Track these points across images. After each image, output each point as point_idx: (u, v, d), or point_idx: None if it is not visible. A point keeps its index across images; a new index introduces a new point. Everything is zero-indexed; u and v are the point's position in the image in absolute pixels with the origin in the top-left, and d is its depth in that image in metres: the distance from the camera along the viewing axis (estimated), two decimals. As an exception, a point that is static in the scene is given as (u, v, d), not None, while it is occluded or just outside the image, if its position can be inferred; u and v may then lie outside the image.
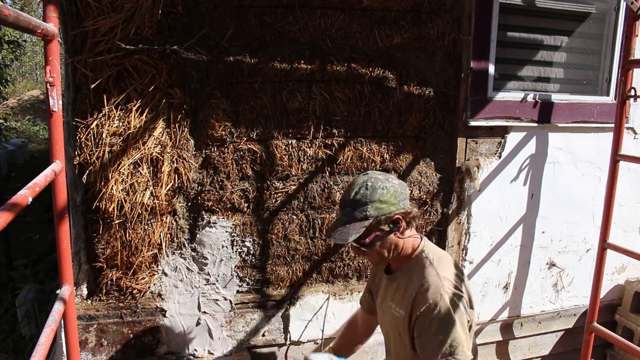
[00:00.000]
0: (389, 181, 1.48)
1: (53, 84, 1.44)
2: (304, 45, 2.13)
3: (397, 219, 1.47)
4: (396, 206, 1.46)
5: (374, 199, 1.45)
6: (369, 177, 1.49)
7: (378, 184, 1.46)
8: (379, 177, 1.49)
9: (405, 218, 1.49)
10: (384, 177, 1.49)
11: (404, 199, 1.49)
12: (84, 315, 2.07)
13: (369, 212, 1.45)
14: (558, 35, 2.52)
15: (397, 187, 1.48)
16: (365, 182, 1.48)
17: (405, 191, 1.50)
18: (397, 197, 1.46)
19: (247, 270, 2.25)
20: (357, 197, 1.46)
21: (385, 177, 1.50)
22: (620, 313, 2.87)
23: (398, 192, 1.47)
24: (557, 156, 2.59)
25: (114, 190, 1.94)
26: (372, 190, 1.46)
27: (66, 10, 1.85)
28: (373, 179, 1.48)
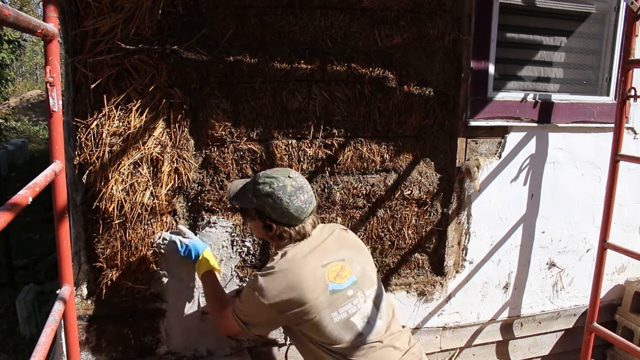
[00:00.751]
0: (290, 197, 1.65)
1: (53, 84, 1.44)
2: (304, 45, 2.13)
3: (270, 226, 1.70)
4: (278, 218, 1.67)
5: (264, 199, 1.67)
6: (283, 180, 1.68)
7: (278, 192, 1.65)
8: (289, 188, 1.66)
9: (277, 230, 1.70)
10: (292, 191, 1.66)
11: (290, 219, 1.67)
12: (84, 315, 2.06)
13: (255, 202, 1.70)
14: (558, 35, 2.52)
15: (290, 207, 1.65)
16: (275, 181, 1.67)
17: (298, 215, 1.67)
18: (282, 215, 1.66)
19: (247, 271, 2.25)
20: (260, 185, 1.68)
21: (294, 192, 1.67)
22: (620, 313, 2.87)
23: (286, 212, 1.66)
24: (557, 156, 2.60)
25: (114, 190, 1.94)
26: (270, 192, 1.66)
27: (66, 10, 1.85)
28: (281, 185, 1.66)
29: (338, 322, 1.64)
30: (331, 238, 1.78)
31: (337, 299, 1.65)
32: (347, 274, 1.71)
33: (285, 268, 1.64)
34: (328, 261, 1.70)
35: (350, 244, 1.82)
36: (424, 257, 2.48)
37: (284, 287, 1.61)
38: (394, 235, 2.39)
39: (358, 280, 1.72)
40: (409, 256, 2.45)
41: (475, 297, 2.61)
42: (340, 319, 1.64)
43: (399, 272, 2.46)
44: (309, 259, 1.68)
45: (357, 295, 1.70)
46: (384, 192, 2.32)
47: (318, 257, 1.70)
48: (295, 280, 1.62)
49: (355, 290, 1.70)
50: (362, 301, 1.70)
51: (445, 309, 2.57)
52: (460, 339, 2.64)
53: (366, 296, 1.72)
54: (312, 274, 1.65)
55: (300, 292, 1.61)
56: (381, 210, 2.33)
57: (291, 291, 1.61)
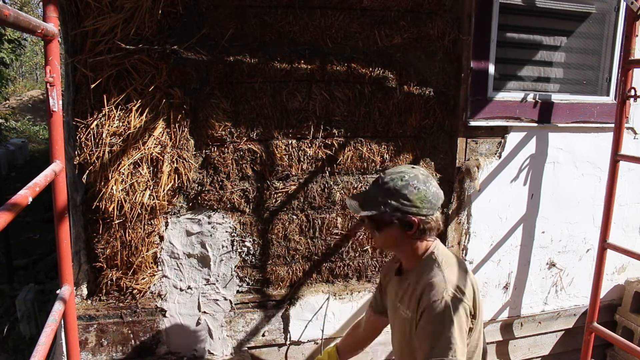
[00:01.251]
0: (425, 184, 1.49)
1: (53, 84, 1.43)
2: (304, 45, 2.13)
3: (412, 222, 1.48)
4: (418, 210, 1.48)
5: (399, 194, 1.47)
6: (411, 171, 1.51)
7: (413, 182, 1.48)
8: (420, 176, 1.50)
9: (420, 224, 1.49)
10: (424, 179, 1.50)
11: (430, 207, 1.49)
12: (84, 315, 2.07)
13: (390, 201, 1.48)
14: (558, 35, 2.52)
15: (428, 194, 1.49)
16: (404, 174, 1.50)
17: (435, 201, 1.50)
18: (422, 203, 1.48)
19: (247, 270, 2.25)
20: (389, 183, 1.49)
21: (425, 179, 1.51)
22: (620, 313, 2.87)
23: (426, 199, 1.48)
24: (557, 156, 2.59)
25: (114, 190, 1.94)
26: (404, 185, 1.48)
27: (66, 10, 1.85)
28: (412, 175, 1.50)
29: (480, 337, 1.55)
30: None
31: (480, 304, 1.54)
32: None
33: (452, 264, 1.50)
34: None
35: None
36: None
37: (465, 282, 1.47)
38: (394, 235, 2.38)
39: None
40: (409, 256, 2.45)
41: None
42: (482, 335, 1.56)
43: (399, 272, 2.46)
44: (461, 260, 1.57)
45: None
46: (384, 192, 2.32)
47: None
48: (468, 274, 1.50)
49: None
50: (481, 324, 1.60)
51: (445, 309, 2.57)
52: (460, 339, 2.64)
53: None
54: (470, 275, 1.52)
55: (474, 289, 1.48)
56: (381, 210, 2.33)
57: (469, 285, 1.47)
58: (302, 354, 2.40)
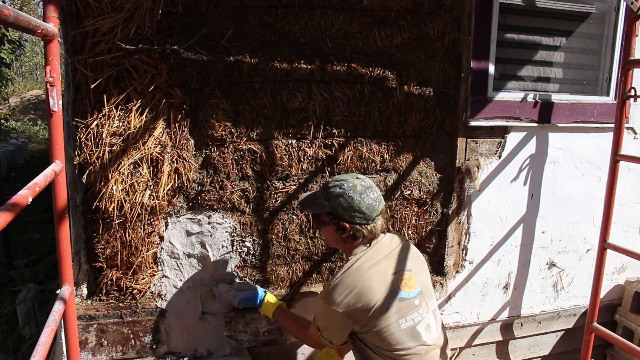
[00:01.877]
0: (360, 195, 1.69)
1: (53, 84, 1.44)
2: (304, 45, 2.13)
3: (344, 226, 1.72)
4: (350, 217, 1.70)
5: (336, 201, 1.70)
6: (352, 181, 1.73)
7: (349, 192, 1.69)
8: (358, 187, 1.71)
9: (351, 230, 1.72)
10: (361, 190, 1.71)
11: (363, 218, 1.70)
12: (84, 315, 2.07)
13: (328, 204, 1.73)
14: (558, 35, 2.52)
15: (362, 205, 1.69)
16: (344, 182, 1.72)
17: (369, 213, 1.70)
18: (354, 212, 1.69)
19: (247, 270, 2.25)
20: (331, 189, 1.74)
21: (364, 190, 1.71)
22: (620, 313, 2.87)
23: (358, 210, 1.69)
24: (557, 156, 2.59)
25: (114, 190, 1.94)
26: (340, 192, 1.70)
27: (66, 10, 1.85)
28: (351, 185, 1.71)
29: (404, 330, 1.68)
30: (400, 248, 1.82)
31: (405, 307, 1.69)
32: (414, 284, 1.75)
33: (356, 276, 1.68)
34: (397, 269, 1.74)
35: (415, 256, 1.86)
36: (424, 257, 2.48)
37: (355, 293, 1.65)
38: (394, 235, 2.39)
39: (422, 290, 1.77)
40: (409, 256, 2.45)
41: (475, 297, 2.61)
42: (407, 327, 1.68)
43: (399, 272, 2.46)
44: (380, 266, 1.72)
45: (422, 305, 1.74)
46: (384, 192, 2.32)
47: (389, 264, 1.74)
48: (365, 286, 1.66)
49: (420, 300, 1.75)
50: (426, 311, 1.75)
51: (445, 309, 2.57)
52: (460, 339, 2.64)
53: (428, 307, 1.77)
54: (382, 281, 1.68)
55: (370, 298, 1.65)
56: (381, 210, 2.33)
57: (361, 297, 1.65)
58: (302, 354, 2.40)
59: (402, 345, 1.67)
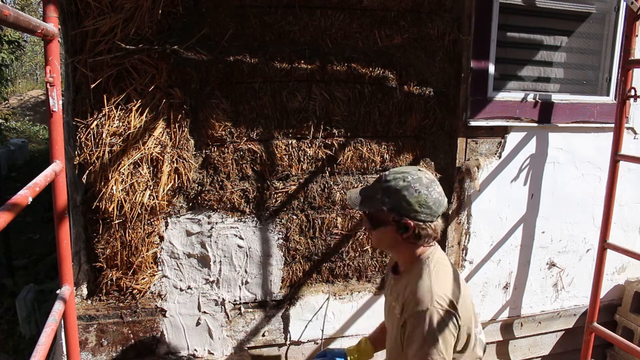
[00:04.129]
0: (427, 188, 1.45)
1: (53, 84, 1.44)
2: (304, 45, 2.13)
3: (407, 225, 1.45)
4: (415, 214, 1.45)
5: (399, 195, 1.45)
6: (416, 173, 1.47)
7: (415, 184, 1.44)
8: (424, 180, 1.47)
9: (416, 228, 1.46)
10: (427, 183, 1.46)
11: (429, 214, 1.46)
12: (84, 315, 2.07)
13: (387, 202, 1.45)
14: (558, 35, 2.52)
15: (429, 199, 1.45)
16: (406, 175, 1.47)
17: (436, 208, 1.46)
18: (421, 207, 1.44)
19: (248, 270, 2.25)
20: (391, 182, 1.47)
21: (429, 183, 1.47)
22: (620, 313, 2.87)
23: (426, 204, 1.44)
24: (557, 156, 2.59)
25: (114, 190, 1.94)
26: (405, 185, 1.45)
27: (66, 10, 1.85)
28: (416, 177, 1.46)
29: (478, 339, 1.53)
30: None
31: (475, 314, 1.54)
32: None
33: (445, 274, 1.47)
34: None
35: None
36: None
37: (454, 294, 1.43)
38: (394, 235, 2.38)
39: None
40: (409, 256, 2.45)
41: (475, 297, 2.61)
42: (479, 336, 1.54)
43: (399, 272, 2.46)
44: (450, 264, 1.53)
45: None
46: (384, 192, 2.32)
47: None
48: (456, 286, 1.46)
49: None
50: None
51: (445, 309, 2.56)
52: (460, 339, 2.64)
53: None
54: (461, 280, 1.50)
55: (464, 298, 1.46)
56: (381, 210, 2.33)
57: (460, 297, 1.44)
58: (302, 354, 2.40)
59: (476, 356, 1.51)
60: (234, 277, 2.24)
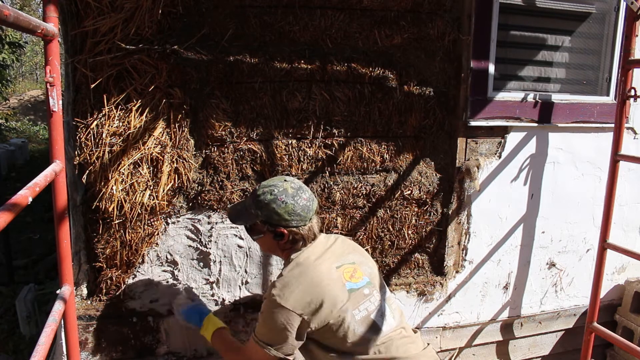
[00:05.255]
0: (293, 198, 1.64)
1: (53, 84, 1.44)
2: (304, 45, 2.13)
3: (282, 232, 1.66)
4: (286, 222, 1.64)
5: (268, 207, 1.64)
6: (282, 185, 1.66)
7: (281, 196, 1.63)
8: (289, 190, 1.65)
9: (290, 235, 1.67)
10: (293, 192, 1.65)
11: (300, 220, 1.65)
12: (84, 315, 2.07)
13: (260, 215, 1.66)
14: (558, 35, 2.52)
15: (297, 207, 1.64)
16: (274, 188, 1.65)
17: (305, 214, 1.65)
18: (290, 216, 1.63)
19: (247, 270, 2.25)
20: (260, 196, 1.66)
21: (295, 192, 1.66)
22: (620, 313, 2.87)
23: (294, 212, 1.63)
24: (557, 156, 2.59)
25: (114, 190, 1.94)
26: (272, 198, 1.63)
27: (66, 10, 1.85)
28: (281, 190, 1.64)
29: (359, 320, 1.63)
30: (338, 243, 1.80)
31: (356, 297, 1.65)
32: (360, 275, 1.72)
33: (300, 272, 1.63)
34: (340, 263, 1.71)
35: (356, 249, 1.85)
36: (424, 257, 2.48)
37: (304, 288, 1.59)
38: (394, 235, 2.39)
39: (371, 280, 1.74)
40: (409, 256, 2.45)
41: (475, 297, 2.61)
42: (361, 317, 1.64)
43: (399, 272, 2.46)
44: (322, 261, 1.68)
45: (373, 293, 1.71)
46: (384, 192, 2.32)
47: (330, 259, 1.70)
48: (313, 281, 1.60)
49: (370, 289, 1.71)
50: (377, 299, 1.71)
51: (445, 309, 2.57)
52: (460, 339, 2.64)
53: (380, 296, 1.73)
54: (328, 273, 1.64)
55: (320, 291, 1.59)
56: (381, 210, 2.33)
57: (312, 291, 1.59)
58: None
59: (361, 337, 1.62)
60: (234, 277, 2.24)
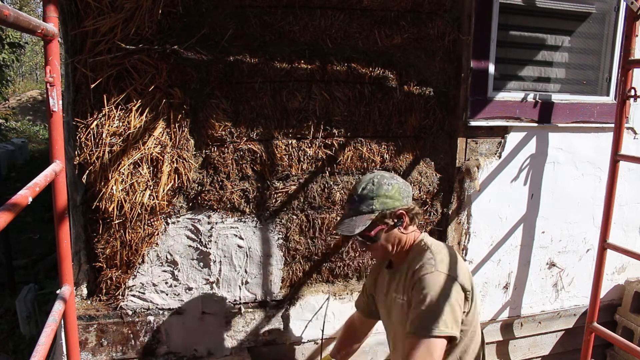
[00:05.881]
0: (394, 179, 1.61)
1: (53, 84, 1.43)
2: (304, 45, 2.13)
3: (401, 214, 1.58)
4: (400, 202, 1.58)
5: (379, 194, 1.56)
6: (375, 174, 1.62)
7: (384, 181, 1.58)
8: (385, 174, 1.62)
9: (408, 214, 1.60)
10: (389, 175, 1.63)
11: (408, 197, 1.61)
12: (84, 315, 2.07)
13: (374, 205, 1.56)
14: (558, 35, 2.52)
15: (401, 185, 1.60)
16: (372, 178, 1.60)
17: (408, 189, 1.63)
18: (401, 194, 1.58)
19: (248, 270, 2.25)
20: (364, 192, 1.58)
21: (390, 175, 1.64)
22: (620, 313, 2.87)
23: (402, 190, 1.59)
24: (557, 156, 2.59)
25: (114, 190, 1.94)
26: (378, 185, 1.57)
27: (66, 10, 1.85)
28: (379, 176, 1.60)
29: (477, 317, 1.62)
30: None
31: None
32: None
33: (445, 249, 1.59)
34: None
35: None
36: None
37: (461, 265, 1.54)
38: (394, 235, 2.38)
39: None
40: (409, 256, 2.45)
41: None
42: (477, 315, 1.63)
43: (399, 272, 2.46)
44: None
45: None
46: (384, 192, 2.32)
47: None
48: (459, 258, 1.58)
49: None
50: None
51: (445, 309, 2.56)
52: (460, 339, 2.64)
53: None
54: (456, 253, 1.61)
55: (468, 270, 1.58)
56: (381, 210, 2.33)
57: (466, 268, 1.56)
58: (302, 354, 2.40)
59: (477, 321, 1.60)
60: (234, 277, 2.24)
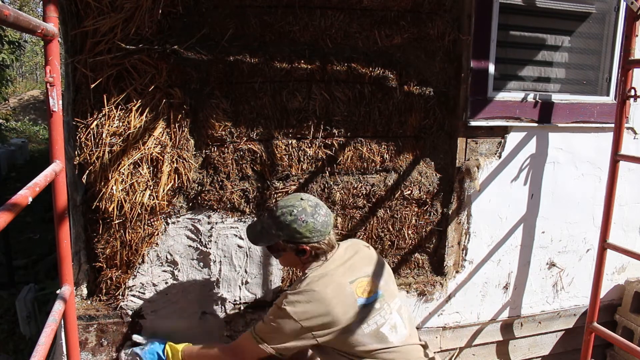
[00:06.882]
0: (312, 216, 1.71)
1: (53, 84, 1.43)
2: (304, 45, 2.13)
3: (304, 249, 1.73)
4: (309, 239, 1.71)
5: (290, 227, 1.70)
6: (300, 204, 1.72)
7: (301, 216, 1.70)
8: (308, 209, 1.72)
9: (312, 250, 1.74)
10: (311, 211, 1.72)
11: (320, 235, 1.72)
12: (84, 315, 2.07)
13: (282, 235, 1.73)
14: (558, 35, 2.52)
15: (317, 224, 1.71)
16: (293, 208, 1.72)
17: (324, 229, 1.73)
18: (311, 233, 1.71)
19: (248, 270, 2.25)
20: (280, 217, 1.72)
21: (313, 210, 1.73)
22: (620, 313, 2.87)
23: (315, 229, 1.71)
24: (557, 156, 2.59)
25: (114, 190, 1.94)
26: (293, 219, 1.70)
27: (66, 10, 1.85)
28: (300, 209, 1.71)
29: (368, 333, 1.69)
30: (357, 256, 1.83)
31: (367, 313, 1.70)
32: (374, 289, 1.76)
33: (313, 287, 1.68)
34: (355, 277, 1.75)
35: (372, 260, 1.87)
36: (424, 257, 2.48)
37: (315, 305, 1.65)
38: (394, 235, 2.39)
39: (383, 293, 1.78)
40: (409, 256, 2.45)
41: (475, 297, 2.61)
42: (370, 330, 1.69)
43: (399, 272, 2.46)
44: (337, 277, 1.72)
45: (384, 307, 1.75)
46: (384, 192, 2.32)
47: (346, 274, 1.75)
48: (325, 297, 1.65)
49: (382, 302, 1.75)
50: (389, 312, 1.76)
51: (445, 309, 2.57)
52: (460, 339, 2.64)
53: (391, 308, 1.78)
54: (342, 291, 1.69)
55: (331, 310, 1.64)
56: (381, 210, 2.33)
57: (322, 309, 1.64)
58: (302, 354, 2.40)
59: (368, 347, 1.67)
60: (234, 277, 2.24)
